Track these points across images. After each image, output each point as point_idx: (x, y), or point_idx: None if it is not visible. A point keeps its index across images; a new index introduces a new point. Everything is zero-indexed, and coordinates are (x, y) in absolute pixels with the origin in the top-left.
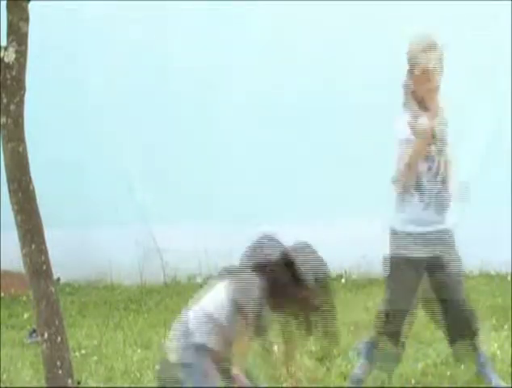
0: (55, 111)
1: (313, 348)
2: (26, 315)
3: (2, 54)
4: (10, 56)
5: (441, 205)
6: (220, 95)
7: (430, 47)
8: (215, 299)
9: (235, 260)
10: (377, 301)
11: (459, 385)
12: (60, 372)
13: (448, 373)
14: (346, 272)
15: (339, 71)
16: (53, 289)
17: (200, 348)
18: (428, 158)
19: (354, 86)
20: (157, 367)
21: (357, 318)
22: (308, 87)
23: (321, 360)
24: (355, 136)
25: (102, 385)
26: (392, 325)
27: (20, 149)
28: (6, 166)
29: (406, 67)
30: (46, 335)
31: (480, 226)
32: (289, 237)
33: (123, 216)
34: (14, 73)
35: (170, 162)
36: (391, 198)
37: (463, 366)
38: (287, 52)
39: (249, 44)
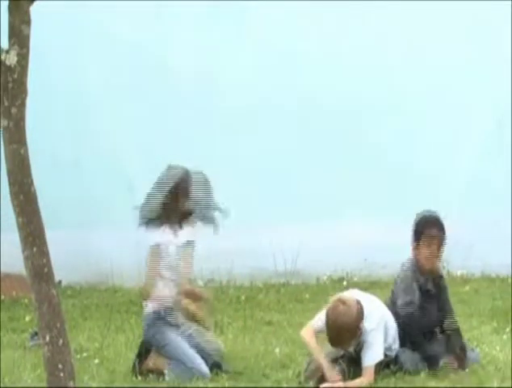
0: (55, 112)
1: None
2: (27, 318)
3: (3, 57)
4: (11, 59)
5: None
6: (220, 95)
7: None
8: None
9: (235, 261)
10: None
11: None
12: (61, 374)
13: None
14: (347, 275)
15: (341, 71)
16: (55, 292)
17: None
18: None
19: (353, 88)
20: None
21: None
22: (310, 88)
23: None
24: (357, 139)
25: None
26: None
27: (22, 152)
28: (8, 168)
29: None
30: (48, 338)
31: (480, 229)
32: (291, 239)
33: (123, 217)
34: (15, 76)
35: (170, 162)
36: (392, 202)
37: None
38: (287, 52)
39: (249, 44)
